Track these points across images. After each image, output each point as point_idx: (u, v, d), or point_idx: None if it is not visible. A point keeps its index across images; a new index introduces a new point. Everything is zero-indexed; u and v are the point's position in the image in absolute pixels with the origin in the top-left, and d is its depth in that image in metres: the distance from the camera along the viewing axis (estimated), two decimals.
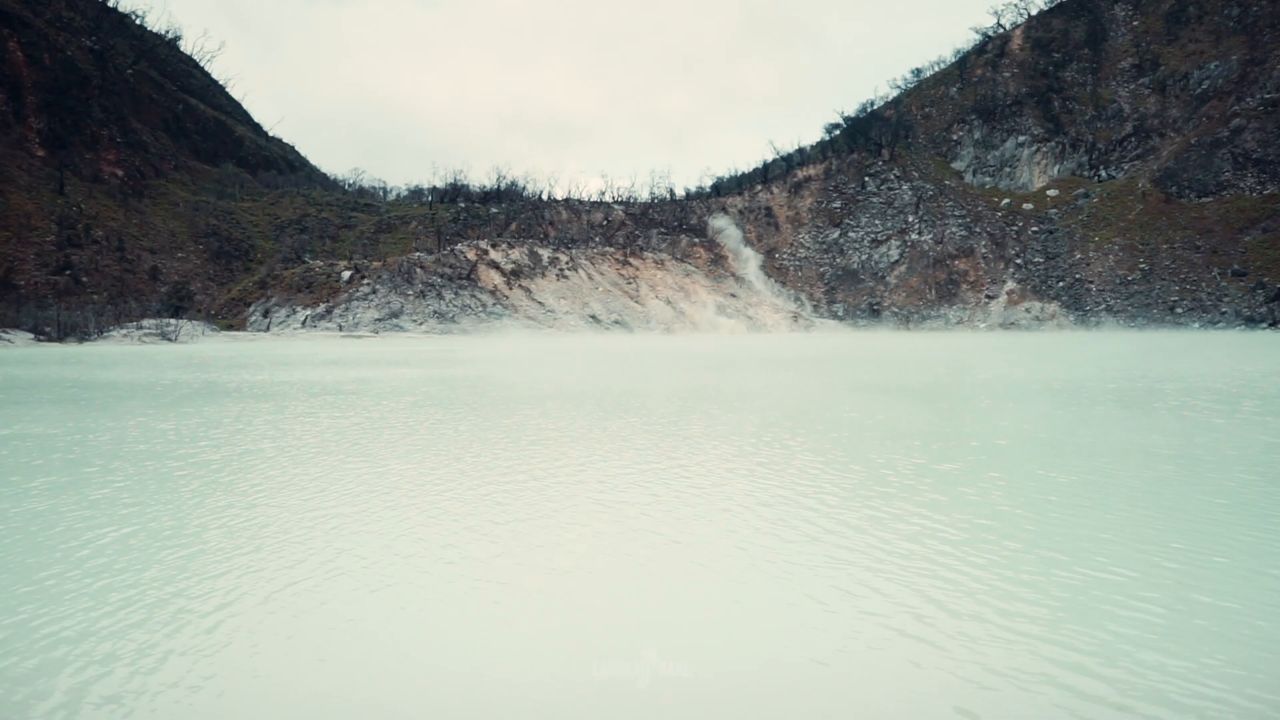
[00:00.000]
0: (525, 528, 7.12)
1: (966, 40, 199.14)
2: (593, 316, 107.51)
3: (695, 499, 8.14)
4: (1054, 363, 33.48)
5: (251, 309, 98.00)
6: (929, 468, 9.67)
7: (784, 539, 6.69)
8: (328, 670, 4.34)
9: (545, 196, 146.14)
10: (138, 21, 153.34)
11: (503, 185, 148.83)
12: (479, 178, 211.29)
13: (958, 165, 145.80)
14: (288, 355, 45.66)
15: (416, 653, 4.56)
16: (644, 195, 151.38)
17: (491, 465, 10.20)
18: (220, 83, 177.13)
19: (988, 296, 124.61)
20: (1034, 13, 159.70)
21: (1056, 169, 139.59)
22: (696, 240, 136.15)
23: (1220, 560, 6.02)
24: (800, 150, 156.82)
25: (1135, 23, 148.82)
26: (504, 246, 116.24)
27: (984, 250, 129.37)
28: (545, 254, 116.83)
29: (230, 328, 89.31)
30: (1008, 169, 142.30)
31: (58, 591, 5.50)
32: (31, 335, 72.38)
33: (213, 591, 5.53)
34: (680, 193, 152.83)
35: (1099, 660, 4.37)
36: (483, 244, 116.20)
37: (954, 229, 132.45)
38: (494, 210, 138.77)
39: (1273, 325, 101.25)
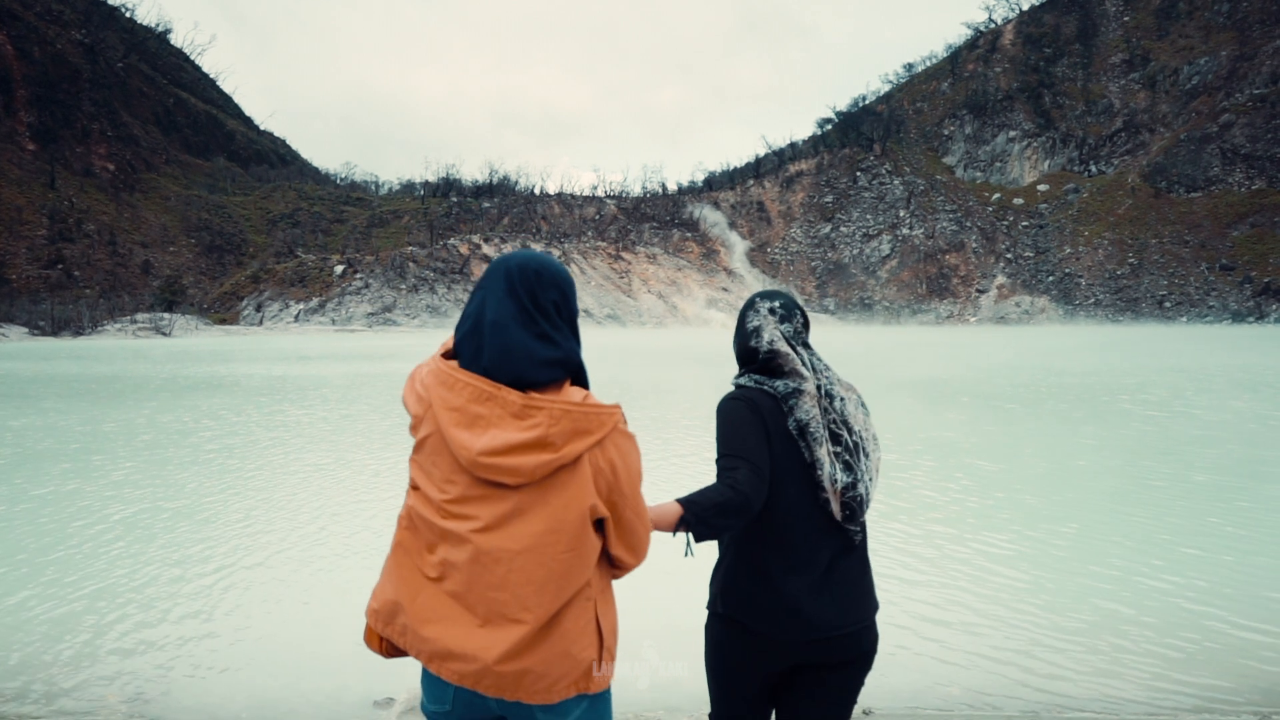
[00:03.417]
0: None
1: (958, 35, 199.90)
2: (585, 311, 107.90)
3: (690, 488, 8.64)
4: (1023, 358, 34.19)
5: (244, 303, 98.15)
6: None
7: None
8: (323, 634, 4.82)
9: (538, 191, 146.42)
10: (128, 15, 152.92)
11: (495, 180, 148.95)
12: (471, 172, 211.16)
13: (949, 160, 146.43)
14: (282, 349, 46.01)
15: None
16: (636, 190, 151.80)
17: None
18: (211, 76, 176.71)
19: (978, 291, 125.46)
20: (1025, 8, 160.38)
21: (1047, 164, 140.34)
22: (688, 234, 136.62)
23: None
24: (792, 145, 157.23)
25: (1126, 18, 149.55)
26: (497, 241, 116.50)
27: (974, 245, 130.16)
28: (538, 248, 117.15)
29: (223, 322, 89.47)
30: (998, 164, 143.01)
31: (80, 557, 6.01)
32: (26, 329, 72.51)
33: (211, 556, 6.04)
34: (672, 187, 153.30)
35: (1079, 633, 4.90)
36: (475, 238, 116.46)
37: (945, 224, 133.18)
38: (486, 205, 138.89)
39: (1260, 319, 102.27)
